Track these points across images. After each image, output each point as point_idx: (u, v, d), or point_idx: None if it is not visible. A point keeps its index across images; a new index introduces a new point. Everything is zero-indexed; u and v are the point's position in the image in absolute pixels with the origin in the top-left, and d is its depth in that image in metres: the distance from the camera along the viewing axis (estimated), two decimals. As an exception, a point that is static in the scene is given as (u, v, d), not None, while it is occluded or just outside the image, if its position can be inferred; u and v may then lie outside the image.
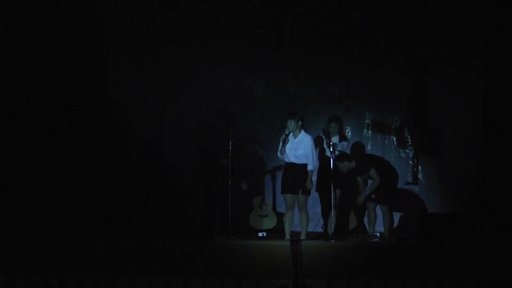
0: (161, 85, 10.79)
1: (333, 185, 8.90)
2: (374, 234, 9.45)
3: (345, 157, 9.34)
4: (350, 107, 10.81)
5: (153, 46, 10.63)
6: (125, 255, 7.85)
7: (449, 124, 10.47)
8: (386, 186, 9.36)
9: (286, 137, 9.10)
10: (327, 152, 9.34)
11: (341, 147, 9.58)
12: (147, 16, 10.54)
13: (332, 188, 8.91)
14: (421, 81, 10.67)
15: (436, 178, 10.58)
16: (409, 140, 10.70)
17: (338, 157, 9.19)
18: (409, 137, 10.70)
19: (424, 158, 10.67)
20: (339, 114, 10.45)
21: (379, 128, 10.74)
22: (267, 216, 10.34)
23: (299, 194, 9.08)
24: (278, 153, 9.24)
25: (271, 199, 10.47)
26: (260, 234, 10.10)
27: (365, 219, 10.05)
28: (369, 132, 10.76)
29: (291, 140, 9.15)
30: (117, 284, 7.75)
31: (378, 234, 9.52)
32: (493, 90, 9.87)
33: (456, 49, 10.37)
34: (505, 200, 9.46)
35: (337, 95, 10.85)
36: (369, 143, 10.72)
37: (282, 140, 9.13)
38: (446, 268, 7.57)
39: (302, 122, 9.20)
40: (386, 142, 10.74)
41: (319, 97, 10.83)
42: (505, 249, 7.70)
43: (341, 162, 9.24)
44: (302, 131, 9.18)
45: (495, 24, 9.83)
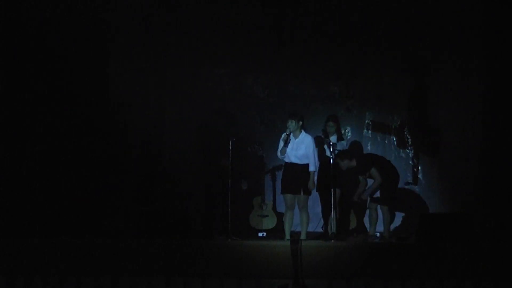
0: (161, 85, 10.79)
1: (333, 185, 8.90)
2: (375, 234, 9.45)
3: (346, 155, 9.35)
4: (350, 107, 10.81)
5: (153, 46, 10.63)
6: (125, 255, 7.85)
7: (449, 124, 10.46)
8: (387, 186, 9.37)
9: (288, 137, 9.10)
10: (327, 152, 9.34)
11: (340, 147, 9.57)
12: (147, 16, 10.54)
13: (332, 188, 8.91)
14: (421, 81, 10.67)
15: (436, 178, 10.58)
16: (409, 140, 10.70)
17: (339, 155, 9.20)
18: (409, 137, 10.70)
19: (424, 158, 10.67)
20: (339, 114, 10.45)
21: (379, 128, 10.75)
22: (267, 216, 10.34)
23: (301, 194, 9.08)
24: (278, 153, 9.23)
25: (271, 199, 10.47)
26: (260, 234, 10.11)
27: (365, 219, 10.06)
28: (369, 132, 10.76)
29: (291, 140, 9.13)
30: (117, 284, 7.74)
31: (378, 234, 9.53)
32: (493, 90, 9.86)
33: (456, 49, 10.37)
34: (505, 200, 9.46)
35: (337, 95, 10.86)
36: (369, 143, 10.72)
37: (283, 140, 9.11)
38: (446, 268, 7.56)
39: (303, 122, 9.20)
40: (386, 142, 10.74)
41: (319, 97, 10.84)
42: (505, 249, 7.69)
43: (342, 160, 9.24)
44: (302, 131, 9.18)
45: (495, 24, 9.82)
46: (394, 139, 10.74)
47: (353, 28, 10.60)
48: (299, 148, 9.11)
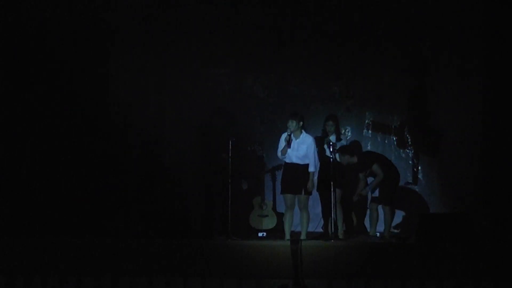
0: (161, 85, 10.79)
1: (333, 185, 8.90)
2: (375, 234, 9.46)
3: (347, 151, 9.38)
4: (350, 107, 10.81)
5: (153, 46, 10.63)
6: (125, 255, 7.84)
7: (449, 124, 10.46)
8: (388, 184, 9.39)
9: (289, 138, 9.09)
10: (327, 152, 9.34)
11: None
12: (147, 16, 10.54)
13: (332, 188, 8.91)
14: (421, 81, 10.68)
15: (436, 178, 10.58)
16: (409, 140, 10.70)
17: (340, 149, 9.24)
18: (409, 137, 10.71)
19: (424, 158, 10.67)
20: (339, 114, 10.44)
21: (379, 128, 10.75)
22: (267, 216, 10.34)
23: (301, 194, 9.08)
24: (279, 153, 9.22)
25: (271, 199, 10.47)
26: (260, 234, 10.10)
27: (365, 219, 10.06)
28: (369, 132, 10.76)
29: (292, 140, 9.13)
30: (117, 284, 7.74)
31: (378, 234, 9.53)
32: (493, 90, 9.86)
33: (456, 49, 10.37)
34: (505, 200, 9.46)
35: (337, 95, 10.86)
36: (369, 143, 10.72)
37: (285, 140, 9.10)
38: (446, 268, 7.56)
39: (303, 123, 9.19)
40: (386, 142, 10.74)
41: (319, 97, 10.84)
42: (505, 249, 7.69)
43: (343, 154, 9.29)
44: (303, 131, 9.18)
45: (495, 24, 9.82)
46: (394, 139, 10.74)
47: (353, 28, 10.60)
48: (300, 148, 9.10)
